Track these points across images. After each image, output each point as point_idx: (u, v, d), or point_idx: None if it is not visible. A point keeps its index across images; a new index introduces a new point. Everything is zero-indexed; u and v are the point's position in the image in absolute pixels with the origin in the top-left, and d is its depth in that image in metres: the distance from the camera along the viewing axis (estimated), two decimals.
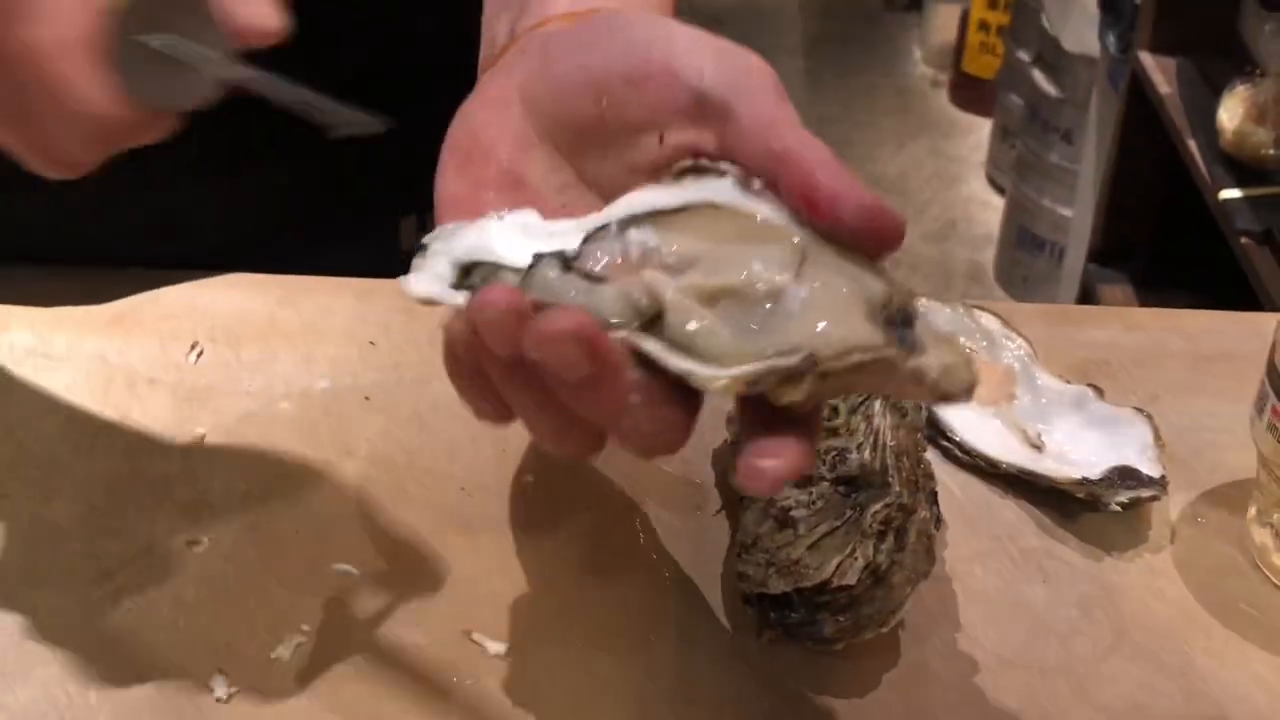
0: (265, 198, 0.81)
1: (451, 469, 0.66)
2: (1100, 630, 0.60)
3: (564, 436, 0.48)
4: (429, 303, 0.49)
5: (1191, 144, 1.74)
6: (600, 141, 0.54)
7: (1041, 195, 2.59)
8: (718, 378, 0.46)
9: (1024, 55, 2.69)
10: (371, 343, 0.73)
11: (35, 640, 0.57)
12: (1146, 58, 1.90)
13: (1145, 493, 0.64)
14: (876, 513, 0.57)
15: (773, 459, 0.45)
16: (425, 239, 0.52)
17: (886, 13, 3.86)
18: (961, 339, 0.45)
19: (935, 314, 0.72)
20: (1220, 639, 0.60)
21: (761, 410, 0.46)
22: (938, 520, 0.59)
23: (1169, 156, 1.82)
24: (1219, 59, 1.84)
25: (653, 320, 0.47)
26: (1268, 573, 0.63)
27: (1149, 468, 0.65)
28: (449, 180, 0.56)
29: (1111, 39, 2.08)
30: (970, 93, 3.33)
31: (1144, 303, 1.93)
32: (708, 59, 0.53)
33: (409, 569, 0.60)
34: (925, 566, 0.57)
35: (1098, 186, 2.10)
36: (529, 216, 0.52)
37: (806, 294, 0.47)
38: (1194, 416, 0.71)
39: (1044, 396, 0.69)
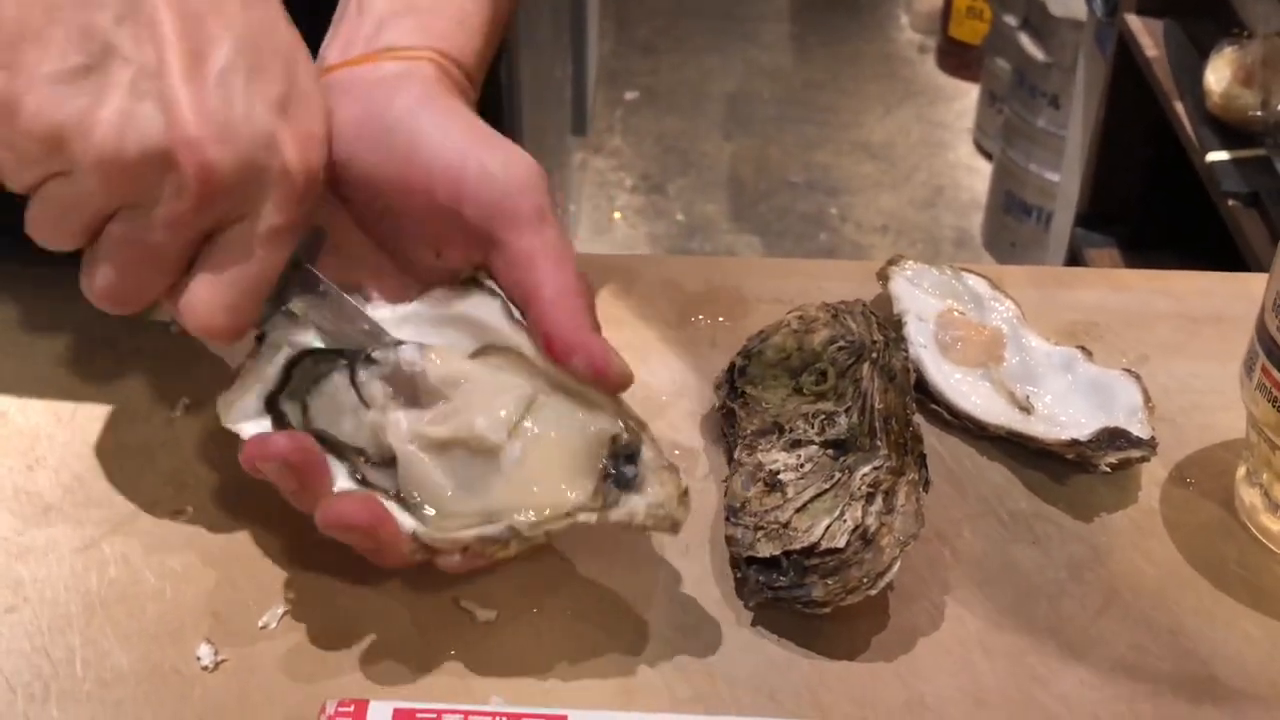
0: None
1: None
2: (1090, 591, 0.60)
3: None
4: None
5: (1178, 107, 1.73)
6: (389, 233, 0.58)
7: (1029, 160, 2.59)
8: (435, 539, 0.52)
9: (1011, 20, 2.68)
10: None
11: (20, 610, 0.56)
12: (1133, 20, 1.89)
13: (1134, 453, 0.64)
14: (865, 475, 0.57)
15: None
16: (264, 327, 0.57)
17: None
18: (671, 476, 0.54)
19: (923, 275, 0.72)
20: (1209, 599, 0.60)
21: None
22: (926, 483, 0.59)
23: (1156, 120, 1.81)
24: (1206, 21, 1.83)
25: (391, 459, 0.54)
26: (1257, 533, 0.63)
27: (1138, 429, 0.65)
28: None
29: (1098, 2, 2.07)
30: (957, 58, 3.33)
31: (1131, 266, 1.93)
32: (467, 182, 0.55)
33: None
34: (914, 529, 0.56)
35: (1085, 150, 2.09)
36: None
37: (520, 454, 0.53)
38: (1183, 377, 0.71)
39: (1033, 358, 0.69)
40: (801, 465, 0.58)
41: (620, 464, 0.53)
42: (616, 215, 2.90)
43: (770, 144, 3.15)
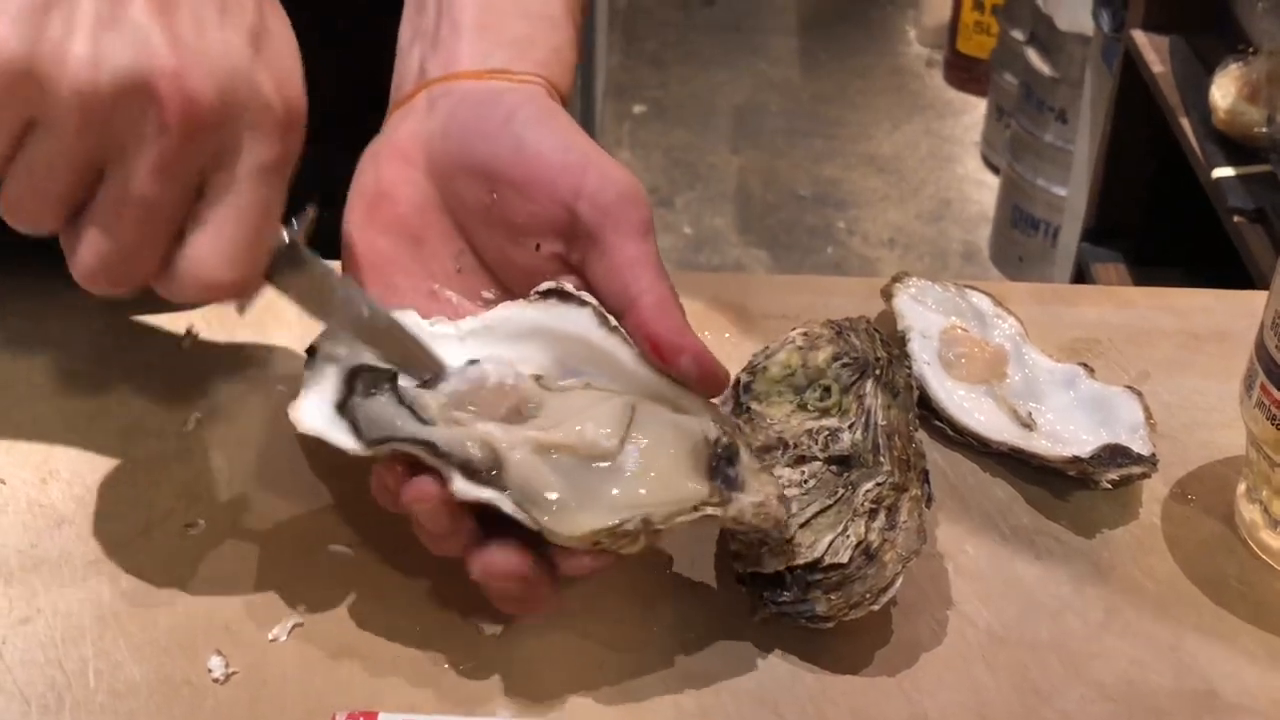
0: None
1: None
2: (1091, 607, 0.60)
3: None
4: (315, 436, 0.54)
5: (1184, 122, 1.74)
6: (488, 226, 0.59)
7: (1036, 175, 2.59)
8: (566, 535, 0.52)
9: (1018, 34, 2.69)
10: None
11: (34, 621, 0.57)
12: (1140, 36, 1.90)
13: (1136, 470, 0.64)
14: (868, 491, 0.58)
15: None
16: (315, 341, 0.56)
17: None
18: (769, 480, 0.56)
19: (927, 291, 0.73)
20: (1210, 615, 0.60)
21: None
22: (929, 499, 0.60)
23: (1162, 135, 1.82)
24: (1212, 37, 1.84)
25: (492, 468, 0.53)
26: (1257, 549, 0.63)
27: (1140, 445, 0.65)
28: (356, 223, 0.60)
29: (1105, 17, 2.08)
30: (965, 72, 3.33)
31: (1137, 281, 1.94)
32: (588, 182, 0.57)
33: (405, 550, 0.60)
34: (917, 544, 0.57)
35: (1091, 165, 2.10)
36: (410, 315, 0.57)
37: (638, 455, 0.54)
38: (1184, 394, 0.72)
39: (1035, 375, 0.70)
40: (805, 481, 0.59)
41: (723, 465, 0.54)
42: None
43: (778, 158, 3.16)
